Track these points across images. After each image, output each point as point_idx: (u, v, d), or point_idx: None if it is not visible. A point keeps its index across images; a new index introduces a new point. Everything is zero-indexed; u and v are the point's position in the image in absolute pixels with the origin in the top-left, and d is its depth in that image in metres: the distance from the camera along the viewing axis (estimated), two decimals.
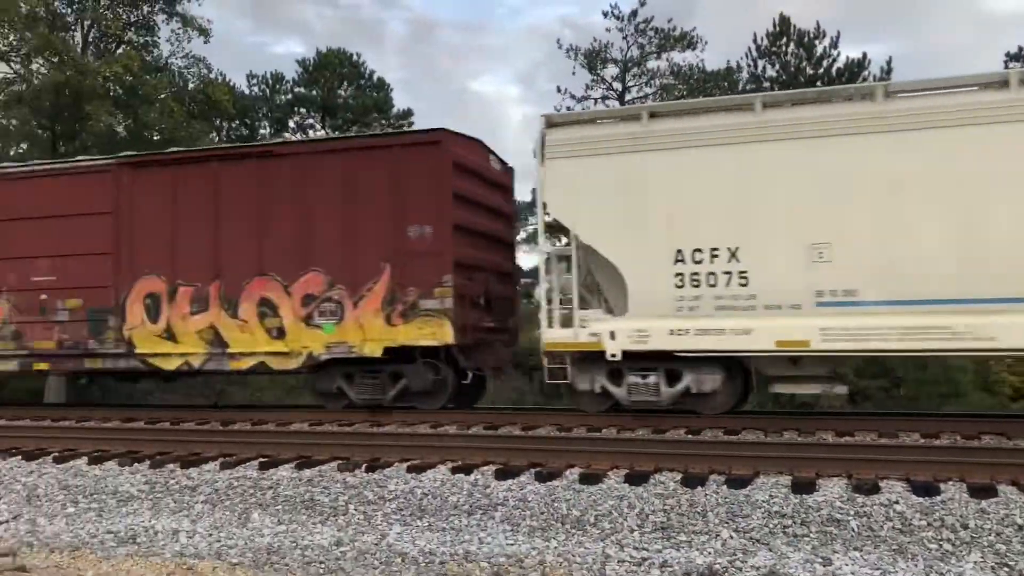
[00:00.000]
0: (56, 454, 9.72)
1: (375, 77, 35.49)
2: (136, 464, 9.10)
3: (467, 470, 7.98)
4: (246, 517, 7.48)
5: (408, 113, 35.70)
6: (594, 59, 31.81)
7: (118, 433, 10.91)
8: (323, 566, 6.21)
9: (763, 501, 6.66)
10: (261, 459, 8.91)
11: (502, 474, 7.76)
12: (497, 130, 70.65)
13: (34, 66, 24.13)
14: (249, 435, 10.33)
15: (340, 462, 8.55)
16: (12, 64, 24.60)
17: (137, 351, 13.29)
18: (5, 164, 16.19)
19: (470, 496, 7.36)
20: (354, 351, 12.15)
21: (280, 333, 12.56)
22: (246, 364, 12.71)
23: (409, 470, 8.13)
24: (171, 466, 8.89)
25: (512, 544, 6.40)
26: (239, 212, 12.88)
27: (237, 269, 12.77)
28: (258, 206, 12.78)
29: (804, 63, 28.66)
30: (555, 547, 6.30)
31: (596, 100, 31.87)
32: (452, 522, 6.97)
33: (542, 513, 6.91)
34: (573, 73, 44.68)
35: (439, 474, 7.97)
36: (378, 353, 12.01)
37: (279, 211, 12.68)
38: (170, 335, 13.11)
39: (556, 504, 6.99)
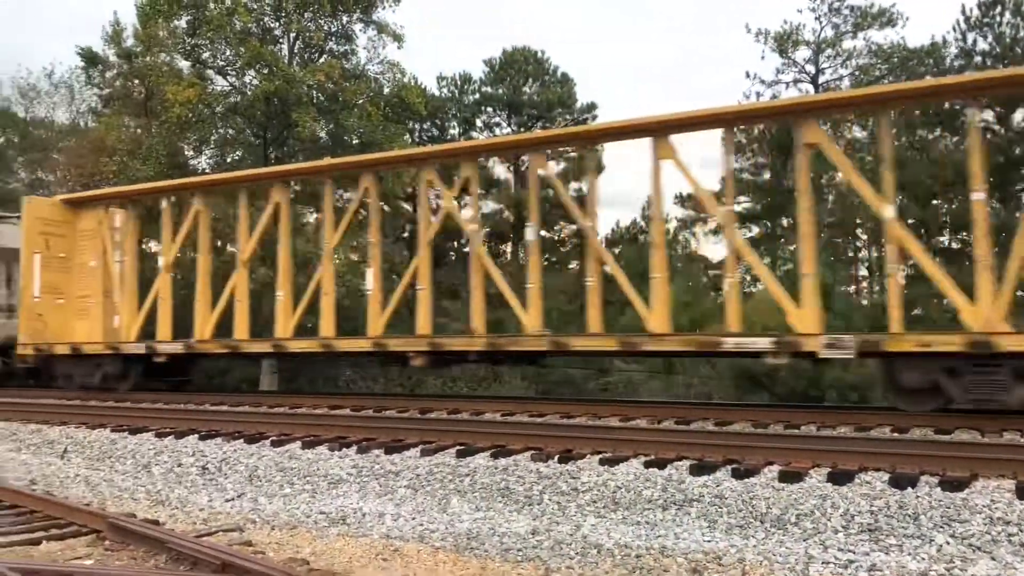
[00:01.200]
0: (273, 438, 10.47)
1: (559, 72, 35.80)
2: (344, 449, 9.66)
3: (660, 464, 7.92)
4: (446, 502, 7.76)
5: (592, 107, 35.80)
6: (785, 42, 30.62)
7: (327, 419, 11.61)
8: (520, 554, 6.34)
9: (983, 506, 6.20)
10: (458, 447, 9.22)
11: (697, 469, 7.65)
12: None
13: (246, 78, 26.06)
14: (446, 423, 10.72)
15: (533, 452, 8.71)
16: (228, 77, 26.70)
17: None
18: None
19: (664, 491, 7.29)
20: None
21: None
22: None
23: (601, 463, 8.16)
24: (376, 452, 9.37)
25: (709, 541, 6.29)
26: None
27: None
28: None
29: (1022, 33, 26.32)
30: (754, 545, 6.14)
31: (787, 84, 30.70)
32: (647, 516, 6.94)
33: (740, 510, 6.75)
34: (762, 57, 43.05)
35: (632, 468, 7.95)
36: None
37: None
38: None
39: (754, 502, 6.81)
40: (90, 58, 31.12)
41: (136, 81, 29.23)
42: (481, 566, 5.99)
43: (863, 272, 30.84)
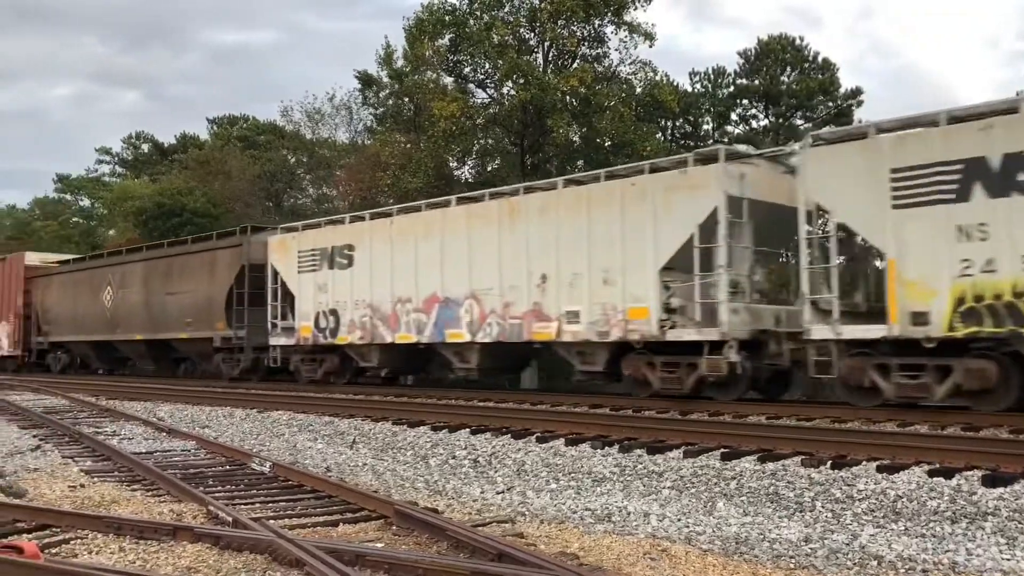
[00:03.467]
0: (538, 434, 10.83)
1: (819, 59, 34.11)
2: (607, 448, 9.80)
3: (947, 473, 7.34)
4: (711, 505, 7.65)
5: (857, 92, 33.79)
6: None
7: (588, 418, 11.83)
8: (793, 561, 6.12)
9: None
10: (723, 449, 9.06)
11: (991, 480, 7.00)
12: (955, 101, 63.51)
13: (504, 89, 27.16)
14: (709, 425, 10.56)
15: (803, 457, 8.37)
16: (487, 90, 27.97)
17: None
18: None
19: (952, 502, 6.76)
20: None
21: None
22: None
23: (879, 469, 7.70)
24: (638, 451, 9.42)
25: (1009, 559, 5.74)
26: None
27: None
28: None
29: None
30: None
31: None
32: (932, 528, 6.45)
33: None
34: None
35: (913, 476, 7.43)
36: None
37: None
38: None
39: None
40: (366, 80, 33.74)
41: (406, 99, 31.33)
42: (752, 571, 5.85)
43: None
